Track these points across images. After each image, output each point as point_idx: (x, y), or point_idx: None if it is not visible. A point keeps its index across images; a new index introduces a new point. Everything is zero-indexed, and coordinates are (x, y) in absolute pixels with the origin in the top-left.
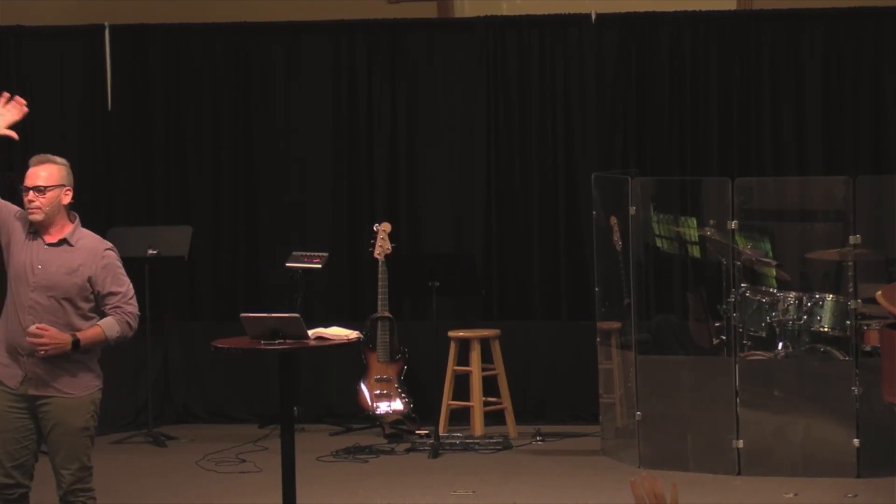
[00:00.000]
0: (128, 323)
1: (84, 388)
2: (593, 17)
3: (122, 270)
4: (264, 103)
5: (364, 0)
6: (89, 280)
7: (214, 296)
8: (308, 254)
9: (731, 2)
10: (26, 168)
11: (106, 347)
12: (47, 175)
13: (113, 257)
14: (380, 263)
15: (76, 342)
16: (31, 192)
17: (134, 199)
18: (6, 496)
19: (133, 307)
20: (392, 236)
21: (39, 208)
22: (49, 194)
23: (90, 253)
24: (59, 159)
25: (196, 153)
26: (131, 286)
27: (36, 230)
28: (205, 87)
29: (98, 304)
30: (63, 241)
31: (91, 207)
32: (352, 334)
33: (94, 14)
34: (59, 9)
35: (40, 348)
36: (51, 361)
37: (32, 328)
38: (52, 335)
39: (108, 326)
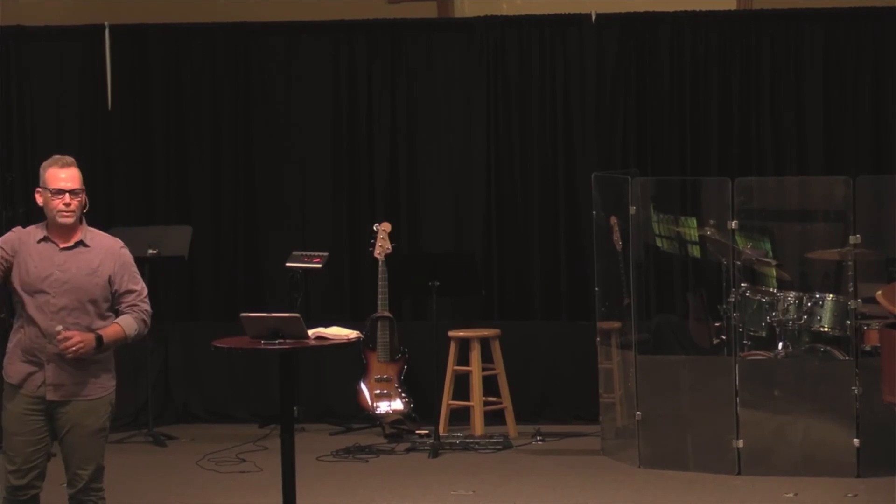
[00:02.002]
0: (144, 321)
1: (103, 389)
2: (593, 17)
3: (136, 269)
4: (264, 103)
5: (364, 0)
6: (109, 279)
7: (214, 296)
8: (308, 254)
9: (731, 2)
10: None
11: (122, 346)
12: (78, 178)
13: (128, 256)
14: (380, 263)
15: (100, 340)
16: (67, 195)
17: (134, 199)
18: (18, 498)
19: (148, 305)
20: (392, 236)
21: (73, 212)
22: (82, 196)
23: (107, 252)
24: (74, 161)
25: (196, 153)
26: (145, 285)
27: (46, 237)
28: (205, 87)
29: (113, 303)
30: (78, 244)
31: (91, 207)
32: (352, 334)
33: (94, 14)
34: (59, 9)
35: (70, 351)
36: (74, 366)
37: (59, 328)
38: (77, 339)
39: (128, 325)
